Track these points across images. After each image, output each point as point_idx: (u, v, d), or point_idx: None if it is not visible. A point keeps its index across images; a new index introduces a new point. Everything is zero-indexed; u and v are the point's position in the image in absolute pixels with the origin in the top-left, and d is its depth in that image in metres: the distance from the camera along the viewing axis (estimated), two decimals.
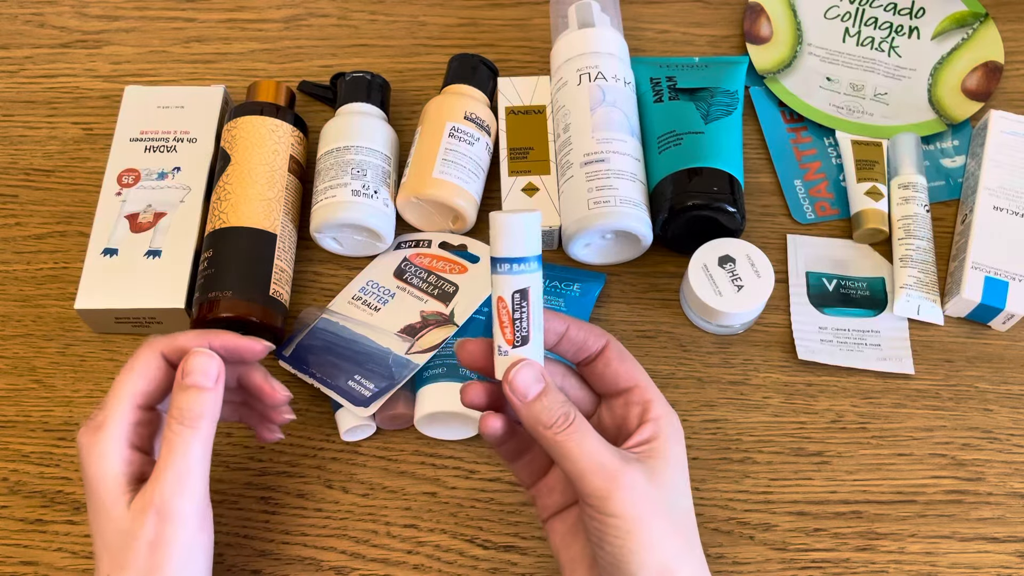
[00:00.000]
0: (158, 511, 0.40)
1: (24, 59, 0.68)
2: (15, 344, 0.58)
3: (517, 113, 0.62)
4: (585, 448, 0.39)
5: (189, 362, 0.42)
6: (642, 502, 0.39)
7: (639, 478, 0.40)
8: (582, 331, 0.43)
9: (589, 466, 0.39)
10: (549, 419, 0.40)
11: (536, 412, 0.40)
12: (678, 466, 0.42)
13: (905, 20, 0.69)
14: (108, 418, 0.42)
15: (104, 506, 0.41)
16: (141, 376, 0.43)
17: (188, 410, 0.41)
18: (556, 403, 0.40)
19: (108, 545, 0.40)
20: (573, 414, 0.40)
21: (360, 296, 0.57)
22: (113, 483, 0.41)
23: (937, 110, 0.65)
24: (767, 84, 0.66)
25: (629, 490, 0.39)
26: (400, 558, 0.51)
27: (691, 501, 0.43)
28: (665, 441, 0.42)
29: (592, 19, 0.61)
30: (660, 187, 0.58)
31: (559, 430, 0.40)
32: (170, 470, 0.40)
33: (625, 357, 0.43)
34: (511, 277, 0.39)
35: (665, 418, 0.42)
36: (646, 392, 0.43)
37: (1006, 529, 0.52)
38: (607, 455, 0.40)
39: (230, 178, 0.57)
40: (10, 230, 0.61)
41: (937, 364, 0.57)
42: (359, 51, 0.69)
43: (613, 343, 0.44)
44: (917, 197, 0.60)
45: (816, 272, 0.60)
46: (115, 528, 0.40)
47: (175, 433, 0.41)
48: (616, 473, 0.39)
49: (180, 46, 0.69)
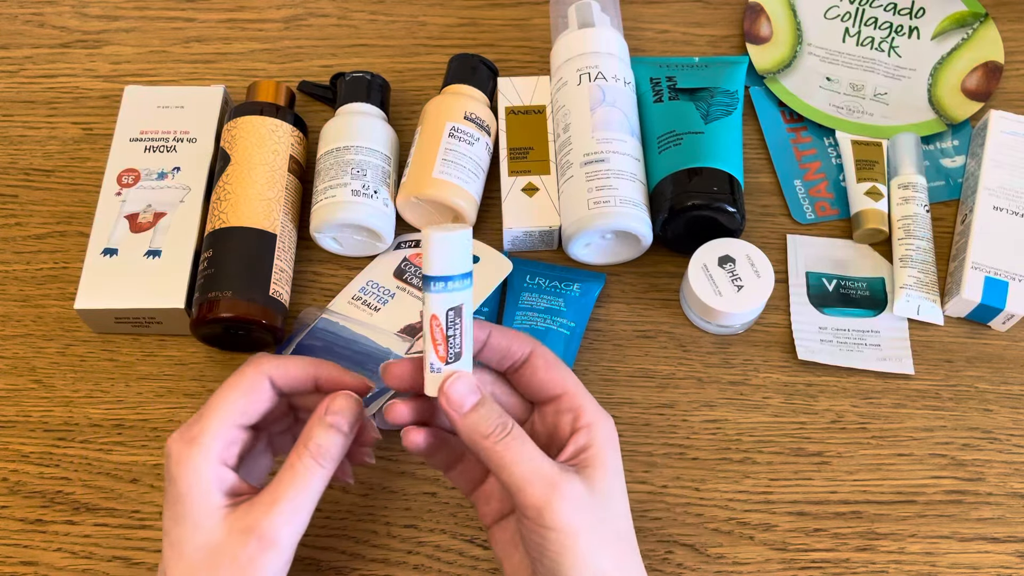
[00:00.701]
0: (261, 536, 0.39)
1: (24, 59, 0.68)
2: (15, 344, 0.58)
3: (517, 113, 0.62)
4: (522, 458, 0.39)
5: (337, 403, 0.42)
6: (580, 514, 0.39)
7: (577, 489, 0.40)
8: (505, 338, 0.43)
9: (526, 477, 0.39)
10: (487, 428, 0.40)
11: (473, 423, 0.40)
12: (615, 473, 0.42)
13: (905, 20, 0.69)
14: (205, 432, 0.41)
15: (192, 519, 0.40)
16: (245, 396, 0.42)
17: (325, 449, 0.41)
18: (493, 413, 0.40)
19: (186, 555, 0.40)
20: (510, 424, 0.40)
21: (360, 296, 0.57)
22: (207, 498, 0.40)
23: (937, 110, 0.65)
24: (767, 84, 0.66)
25: (567, 501, 0.39)
26: (400, 558, 0.51)
27: (628, 507, 0.42)
28: (600, 448, 0.41)
29: (592, 19, 0.61)
30: (660, 187, 0.58)
31: (496, 440, 0.40)
32: (288, 501, 0.40)
33: (552, 364, 0.43)
34: (445, 295, 0.39)
35: (597, 424, 0.42)
36: (575, 398, 0.42)
37: (1006, 529, 0.52)
38: (544, 466, 0.40)
39: (230, 178, 0.57)
40: (10, 230, 0.61)
41: (937, 364, 0.57)
42: (359, 51, 0.69)
43: (539, 350, 0.43)
44: (917, 197, 0.60)
45: (816, 272, 0.60)
46: (203, 541, 0.40)
47: (306, 467, 0.41)
48: (554, 484, 0.39)
49: (180, 46, 0.69)
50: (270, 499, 0.40)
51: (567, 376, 0.43)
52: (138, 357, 0.57)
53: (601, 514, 0.40)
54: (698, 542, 0.52)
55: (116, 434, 0.55)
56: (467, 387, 0.40)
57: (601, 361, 0.57)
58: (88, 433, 0.55)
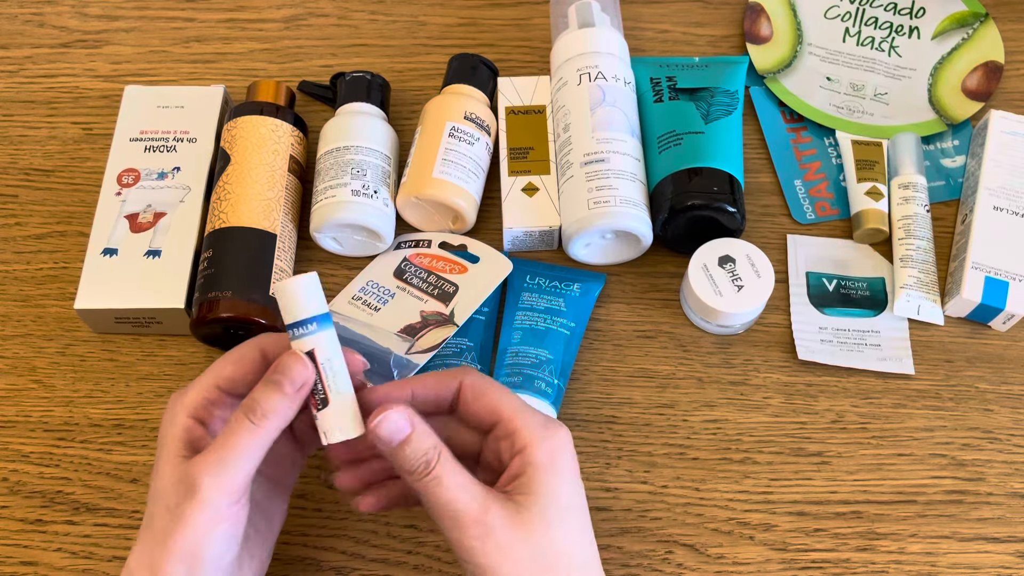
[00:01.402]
0: (189, 486, 0.39)
1: (24, 59, 0.68)
2: (15, 344, 0.58)
3: (517, 113, 0.62)
4: (441, 496, 0.39)
5: (283, 362, 0.41)
6: (496, 551, 0.39)
7: (498, 523, 0.39)
8: (428, 388, 0.43)
9: (445, 512, 0.39)
10: (411, 465, 0.40)
11: (400, 461, 0.40)
12: (552, 498, 0.40)
13: (905, 20, 0.69)
14: (190, 388, 0.43)
15: (159, 463, 0.41)
16: (231, 362, 0.43)
17: (259, 405, 0.40)
18: (419, 450, 0.40)
19: (150, 497, 0.42)
20: (435, 459, 0.40)
21: (360, 296, 0.57)
22: (170, 446, 0.41)
23: (937, 110, 0.65)
24: (767, 84, 0.66)
25: (480, 540, 0.39)
26: (400, 558, 0.51)
27: (576, 532, 0.41)
28: (535, 473, 0.40)
29: (592, 19, 0.61)
30: (660, 187, 0.58)
31: (419, 478, 0.40)
32: (214, 453, 0.40)
33: (481, 392, 0.42)
34: (296, 342, 0.41)
35: (533, 446, 0.41)
36: (510, 423, 0.42)
37: (1006, 529, 0.52)
38: (464, 501, 0.39)
39: (230, 178, 0.57)
40: (10, 230, 0.61)
41: (937, 364, 0.57)
42: (359, 51, 0.69)
43: (468, 381, 0.43)
44: (917, 197, 0.60)
45: (816, 272, 0.60)
46: (158, 484, 0.41)
47: (236, 421, 0.40)
48: (469, 521, 0.39)
49: (180, 46, 0.69)
50: (203, 453, 0.40)
51: (500, 401, 0.42)
52: (138, 357, 0.57)
53: (527, 548, 0.39)
54: (698, 542, 0.52)
55: (116, 434, 0.55)
56: (395, 423, 0.40)
57: (601, 361, 0.57)
58: (88, 433, 0.55)
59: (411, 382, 0.43)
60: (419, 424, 0.40)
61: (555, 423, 0.42)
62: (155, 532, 0.40)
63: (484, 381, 0.43)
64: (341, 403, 0.41)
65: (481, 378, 0.43)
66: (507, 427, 0.42)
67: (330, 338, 0.41)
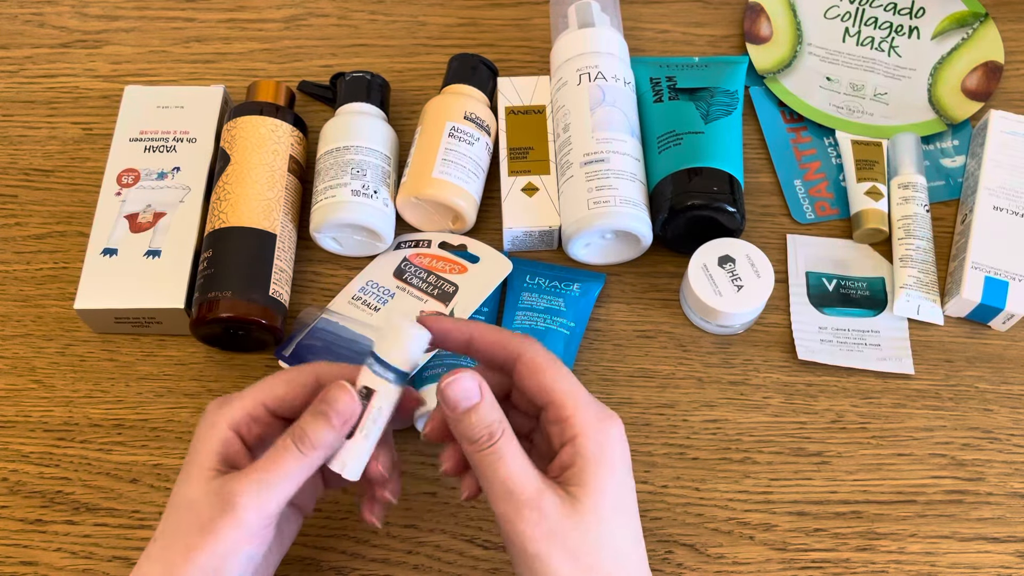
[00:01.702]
0: (225, 501, 0.39)
1: (24, 59, 0.68)
2: (15, 344, 0.58)
3: (517, 113, 0.62)
4: (499, 472, 0.39)
5: (332, 394, 0.41)
6: (547, 538, 0.38)
7: (552, 511, 0.38)
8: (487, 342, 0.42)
9: (499, 491, 0.39)
10: (474, 435, 0.39)
11: (463, 428, 0.40)
12: (603, 495, 0.39)
13: (905, 20, 0.69)
14: (235, 400, 0.42)
15: (187, 470, 0.41)
16: (284, 382, 0.42)
17: (309, 436, 0.40)
18: (483, 421, 0.39)
19: (174, 504, 0.41)
20: (499, 434, 0.39)
21: (360, 296, 0.57)
22: (205, 456, 0.41)
23: (937, 110, 0.65)
24: (767, 84, 0.66)
25: (533, 525, 0.38)
26: (400, 558, 0.51)
27: (628, 527, 0.41)
28: (586, 464, 0.39)
29: (592, 19, 0.61)
30: (660, 187, 0.58)
31: (479, 449, 0.39)
32: (257, 473, 0.40)
33: (536, 370, 0.41)
34: (369, 374, 0.41)
35: (585, 435, 0.40)
36: (562, 408, 0.40)
37: (1006, 529, 0.52)
38: (522, 482, 0.39)
39: (230, 178, 0.57)
40: (10, 230, 0.61)
41: (937, 364, 0.57)
42: (359, 51, 0.69)
43: (527, 354, 0.41)
44: (917, 197, 0.60)
45: (816, 272, 0.60)
46: (187, 494, 0.40)
47: (286, 448, 0.40)
48: (525, 503, 0.38)
49: (180, 46, 0.69)
50: (245, 471, 0.40)
51: (556, 382, 0.41)
52: (138, 357, 0.57)
53: (582, 541, 0.39)
54: (698, 542, 0.52)
55: (116, 434, 0.55)
56: (464, 389, 0.39)
57: (601, 361, 0.57)
58: (88, 433, 0.55)
59: (472, 327, 0.42)
60: (488, 394, 0.40)
61: (609, 414, 0.41)
62: (177, 542, 0.39)
63: (542, 357, 0.41)
64: (364, 446, 0.41)
65: (540, 353, 0.41)
66: (559, 412, 0.40)
67: (394, 394, 0.41)
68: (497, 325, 0.46)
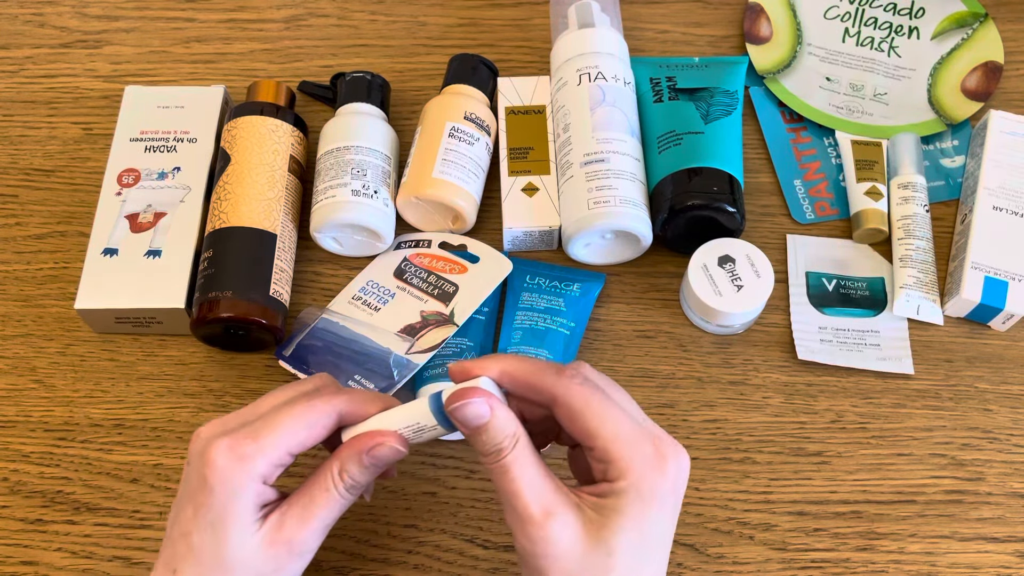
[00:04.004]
0: (291, 551, 0.41)
1: (24, 59, 0.68)
2: (15, 344, 0.58)
3: (517, 113, 0.62)
4: (507, 487, 0.39)
5: (383, 453, 0.42)
6: (545, 559, 0.38)
7: (557, 532, 0.38)
8: (518, 383, 0.41)
9: (506, 502, 0.39)
10: (484, 450, 0.40)
11: (475, 444, 0.40)
12: (635, 534, 0.38)
13: (905, 20, 0.69)
14: (259, 455, 0.40)
15: (226, 532, 0.40)
16: (308, 429, 0.41)
17: (357, 483, 0.42)
18: (496, 438, 0.39)
19: (206, 561, 0.40)
20: (508, 449, 0.39)
21: (360, 296, 0.57)
22: (243, 515, 0.40)
23: (937, 110, 0.65)
24: (767, 84, 0.66)
25: (534, 543, 0.38)
26: (400, 558, 0.51)
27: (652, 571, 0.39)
28: (629, 504, 0.38)
29: (592, 19, 0.61)
30: (660, 187, 0.58)
31: (489, 463, 0.40)
32: (319, 521, 0.42)
33: (576, 415, 0.39)
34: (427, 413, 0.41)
35: (626, 483, 0.38)
36: (606, 452, 0.39)
37: (1006, 529, 0.52)
38: (527, 499, 0.38)
39: (230, 178, 0.57)
40: (10, 230, 0.61)
41: (937, 364, 0.57)
42: (359, 51, 0.69)
43: (561, 402, 0.40)
44: (917, 197, 0.60)
45: (816, 272, 0.60)
46: (231, 553, 0.40)
47: (338, 495, 0.42)
48: (525, 522, 0.38)
49: (180, 46, 0.69)
50: (303, 515, 0.41)
51: (599, 425, 0.39)
52: (138, 357, 0.57)
53: (586, 568, 0.38)
54: (698, 542, 0.52)
55: (116, 434, 0.55)
56: (474, 414, 0.39)
57: (601, 361, 0.57)
58: (88, 433, 0.55)
59: (506, 363, 0.41)
60: (499, 410, 0.39)
61: (663, 453, 0.39)
62: None
63: (578, 400, 0.39)
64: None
65: (576, 396, 0.39)
66: (603, 456, 0.39)
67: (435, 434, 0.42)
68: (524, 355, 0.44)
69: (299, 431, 0.41)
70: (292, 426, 0.41)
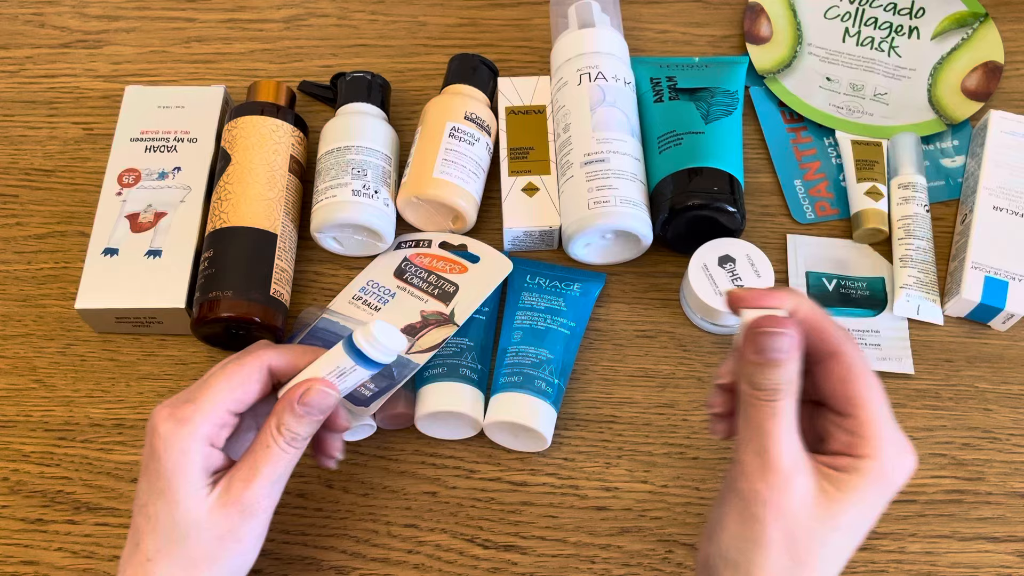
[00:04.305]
0: (243, 510, 0.42)
1: (24, 59, 0.68)
2: (15, 344, 0.58)
3: (517, 113, 0.62)
4: (766, 428, 0.38)
5: (312, 397, 0.43)
6: (774, 509, 0.38)
7: (795, 489, 0.38)
8: (808, 325, 0.39)
9: (755, 446, 0.38)
10: (761, 384, 0.38)
11: (757, 374, 0.38)
12: (853, 513, 0.38)
13: (905, 20, 0.69)
14: (197, 414, 0.42)
15: (174, 495, 0.42)
16: (243, 385, 0.44)
17: (296, 434, 0.43)
18: (780, 378, 0.38)
19: (162, 528, 0.42)
20: (783, 397, 0.38)
21: (360, 296, 0.57)
22: (193, 477, 0.42)
23: (937, 110, 0.65)
24: (767, 84, 0.66)
25: (772, 490, 0.38)
26: (400, 558, 0.51)
27: (848, 550, 0.39)
28: (859, 483, 0.38)
29: (592, 19, 0.61)
30: (660, 187, 0.58)
31: (759, 398, 0.38)
32: (266, 477, 0.43)
33: (854, 377, 0.39)
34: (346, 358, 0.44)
35: (874, 462, 0.38)
36: (866, 426, 0.39)
37: (1006, 529, 0.52)
38: (781, 447, 0.38)
39: (230, 178, 0.57)
40: (10, 230, 0.61)
41: (937, 364, 0.57)
42: (359, 51, 0.69)
43: (846, 358, 0.39)
44: (917, 197, 0.60)
45: (816, 272, 0.60)
46: (183, 516, 0.42)
47: (280, 449, 0.43)
48: (771, 469, 0.38)
49: (180, 46, 0.69)
50: (248, 474, 0.43)
51: (869, 398, 0.39)
52: (139, 357, 0.57)
53: (804, 532, 0.38)
54: (698, 542, 0.52)
55: (117, 434, 0.55)
56: (780, 345, 0.38)
57: (601, 361, 0.57)
58: (89, 433, 0.55)
59: (799, 301, 0.40)
60: (797, 356, 0.38)
61: (907, 451, 0.39)
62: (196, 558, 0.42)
63: (861, 364, 0.39)
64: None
65: (859, 358, 0.40)
66: (860, 428, 0.39)
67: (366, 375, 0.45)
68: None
69: (233, 388, 0.43)
70: (225, 385, 0.43)
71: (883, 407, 0.39)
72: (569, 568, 0.51)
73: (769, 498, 0.38)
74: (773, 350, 0.38)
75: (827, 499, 0.38)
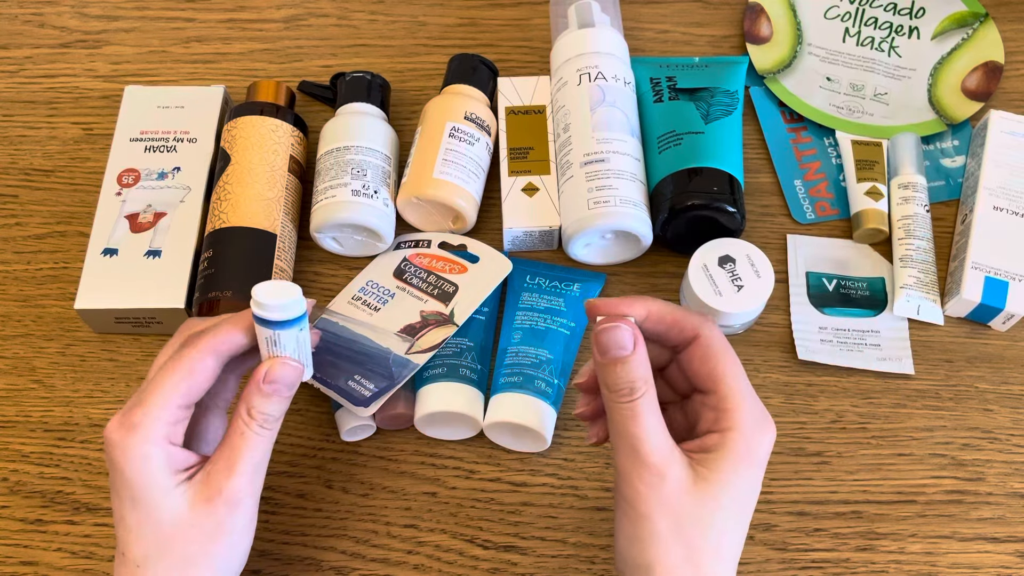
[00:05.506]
0: (227, 500, 0.41)
1: (24, 59, 0.68)
2: (15, 344, 0.58)
3: (517, 113, 0.62)
4: (631, 428, 0.39)
5: (275, 372, 0.42)
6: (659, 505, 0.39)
7: (672, 480, 0.39)
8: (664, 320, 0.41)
9: (626, 447, 0.39)
10: (616, 386, 0.39)
11: (608, 376, 0.40)
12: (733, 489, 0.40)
13: (905, 20, 0.69)
14: (147, 418, 0.41)
15: (147, 502, 0.41)
16: (187, 378, 0.42)
17: (268, 415, 0.43)
18: (629, 375, 0.39)
19: (145, 536, 0.41)
20: (641, 391, 0.39)
21: (360, 296, 0.57)
22: (160, 480, 0.41)
23: (937, 110, 0.65)
24: (767, 84, 0.66)
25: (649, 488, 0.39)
26: (400, 558, 0.51)
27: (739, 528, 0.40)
28: (728, 456, 0.39)
29: (592, 19, 0.61)
30: (660, 187, 0.58)
31: (618, 400, 0.39)
32: (246, 463, 0.42)
33: (713, 356, 0.41)
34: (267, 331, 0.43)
35: (737, 433, 0.40)
36: (726, 400, 0.40)
37: (1006, 529, 0.52)
38: (651, 444, 0.39)
39: (230, 178, 0.57)
40: (10, 230, 0.61)
41: (937, 364, 0.57)
42: (359, 51, 0.69)
43: (704, 339, 0.41)
44: (917, 197, 0.60)
45: (816, 272, 0.60)
46: (163, 519, 0.41)
47: (254, 433, 0.42)
48: (644, 465, 0.39)
49: (180, 46, 0.69)
50: (227, 464, 0.42)
51: (728, 374, 0.40)
52: (138, 357, 0.57)
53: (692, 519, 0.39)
54: None
55: None
56: (619, 339, 0.39)
57: None
58: (88, 433, 0.55)
59: (650, 303, 0.41)
60: (641, 349, 0.40)
61: (767, 420, 0.41)
62: (186, 557, 0.41)
63: (719, 343, 0.41)
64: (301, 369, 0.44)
65: (717, 338, 0.41)
66: (722, 403, 0.40)
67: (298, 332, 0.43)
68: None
69: (179, 383, 0.42)
70: (170, 380, 0.42)
71: (742, 380, 0.41)
72: (569, 568, 0.51)
73: (649, 494, 0.39)
74: (615, 347, 0.39)
75: (703, 482, 0.39)
